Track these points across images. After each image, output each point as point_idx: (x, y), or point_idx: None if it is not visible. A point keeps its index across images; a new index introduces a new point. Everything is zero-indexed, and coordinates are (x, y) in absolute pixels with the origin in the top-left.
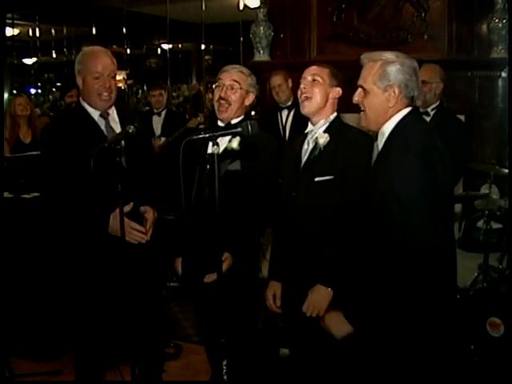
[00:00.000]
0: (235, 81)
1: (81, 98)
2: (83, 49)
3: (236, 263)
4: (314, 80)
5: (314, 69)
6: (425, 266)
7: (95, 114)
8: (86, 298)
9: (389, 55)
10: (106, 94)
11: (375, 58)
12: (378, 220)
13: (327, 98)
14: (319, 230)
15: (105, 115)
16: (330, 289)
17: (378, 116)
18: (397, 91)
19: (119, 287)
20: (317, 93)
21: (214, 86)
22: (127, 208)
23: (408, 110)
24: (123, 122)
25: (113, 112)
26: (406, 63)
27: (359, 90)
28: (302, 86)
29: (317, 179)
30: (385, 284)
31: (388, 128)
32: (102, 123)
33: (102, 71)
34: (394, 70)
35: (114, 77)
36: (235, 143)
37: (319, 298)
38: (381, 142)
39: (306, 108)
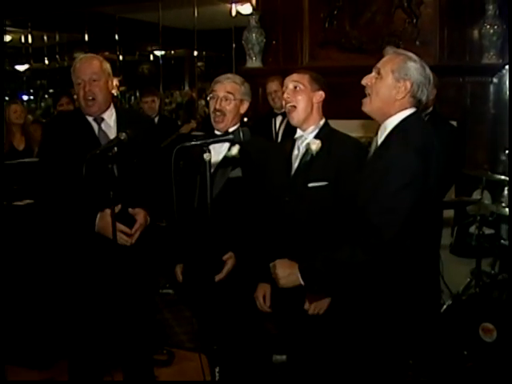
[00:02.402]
0: (229, 92)
1: None
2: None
3: (238, 269)
4: (295, 88)
5: (294, 76)
6: (397, 259)
7: (90, 117)
8: (78, 305)
9: (413, 55)
10: (89, 98)
11: (399, 52)
12: (365, 210)
13: (312, 104)
14: (312, 233)
15: (98, 120)
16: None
17: (383, 104)
18: (409, 86)
19: (112, 293)
20: (300, 100)
21: (208, 98)
22: (115, 210)
23: (413, 110)
24: (121, 127)
25: (110, 117)
26: (426, 68)
27: (373, 73)
28: (285, 95)
29: (310, 185)
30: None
31: (391, 123)
32: (95, 127)
33: (82, 77)
34: (414, 67)
35: (99, 81)
36: (235, 151)
37: (319, 299)
38: (381, 136)
39: (295, 119)
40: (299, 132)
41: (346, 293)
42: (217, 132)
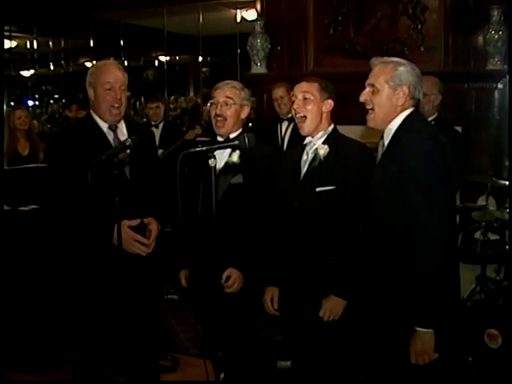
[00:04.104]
0: (228, 97)
1: (91, 110)
2: (94, 63)
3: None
4: (305, 98)
5: (303, 86)
6: (443, 250)
7: (104, 126)
8: (84, 310)
9: (399, 59)
10: (116, 105)
11: (386, 61)
12: (387, 211)
13: (321, 113)
14: (320, 237)
15: (113, 128)
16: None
17: (386, 114)
18: (406, 91)
19: (117, 300)
20: (310, 110)
21: (208, 104)
22: (134, 223)
23: (412, 108)
24: (131, 135)
25: (122, 125)
26: (414, 68)
27: (368, 88)
28: (294, 105)
29: (318, 189)
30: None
31: (395, 123)
32: (110, 135)
33: (113, 83)
34: (404, 71)
35: (125, 90)
36: (235, 157)
37: (335, 304)
38: (387, 138)
39: (305, 129)
40: (308, 138)
41: (361, 297)
42: (219, 138)
